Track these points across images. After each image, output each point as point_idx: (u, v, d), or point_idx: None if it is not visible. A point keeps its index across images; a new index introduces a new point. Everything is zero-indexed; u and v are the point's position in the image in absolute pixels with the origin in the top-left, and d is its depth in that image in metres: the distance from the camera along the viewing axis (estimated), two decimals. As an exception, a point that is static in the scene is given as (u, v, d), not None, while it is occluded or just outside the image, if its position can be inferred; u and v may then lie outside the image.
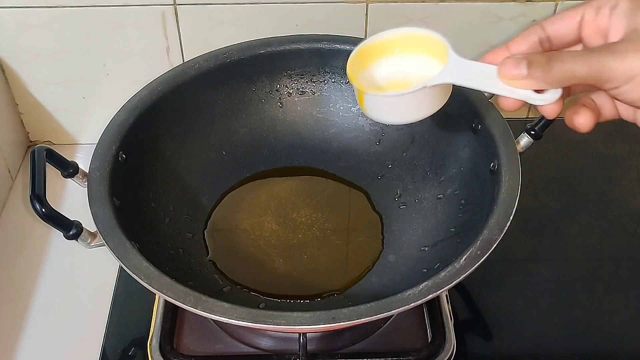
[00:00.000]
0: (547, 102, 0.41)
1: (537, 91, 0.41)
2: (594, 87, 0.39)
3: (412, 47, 0.48)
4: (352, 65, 0.49)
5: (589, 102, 0.42)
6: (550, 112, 0.42)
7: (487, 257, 0.47)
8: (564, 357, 0.59)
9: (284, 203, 0.66)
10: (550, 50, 0.43)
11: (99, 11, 0.67)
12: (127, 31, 0.69)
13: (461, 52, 0.44)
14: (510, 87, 0.41)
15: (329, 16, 0.69)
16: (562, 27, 0.42)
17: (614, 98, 0.41)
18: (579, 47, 0.43)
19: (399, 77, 0.49)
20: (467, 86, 0.43)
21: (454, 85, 0.45)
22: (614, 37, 0.39)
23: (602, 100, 0.42)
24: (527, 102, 0.42)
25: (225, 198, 0.66)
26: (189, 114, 0.64)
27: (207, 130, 0.65)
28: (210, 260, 0.61)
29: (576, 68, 0.38)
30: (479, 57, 0.44)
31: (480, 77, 0.43)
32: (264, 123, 0.68)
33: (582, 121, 0.41)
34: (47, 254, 0.67)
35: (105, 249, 0.48)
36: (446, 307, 0.59)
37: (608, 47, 0.38)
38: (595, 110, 0.42)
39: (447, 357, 0.56)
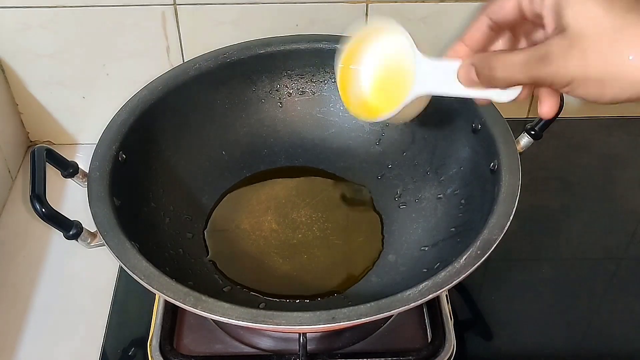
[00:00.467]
0: (510, 97, 0.43)
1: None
2: None
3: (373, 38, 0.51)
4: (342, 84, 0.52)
5: (549, 89, 0.43)
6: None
7: (487, 257, 0.47)
8: (564, 357, 0.59)
9: (284, 203, 0.66)
10: (500, 34, 0.44)
11: (99, 11, 0.67)
12: (127, 31, 0.69)
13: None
14: (473, 89, 0.44)
15: (329, 16, 0.69)
16: (504, 14, 0.42)
17: None
18: (529, 25, 0.43)
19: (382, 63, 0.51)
20: (439, 94, 0.46)
21: None
22: (548, 28, 0.39)
23: None
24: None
25: (225, 198, 0.66)
26: (189, 113, 0.64)
27: (207, 130, 0.65)
28: (210, 260, 0.61)
29: (517, 78, 0.39)
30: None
31: (450, 79, 0.45)
32: (264, 123, 0.68)
33: (546, 110, 0.43)
34: (47, 254, 0.67)
35: (105, 249, 0.48)
36: (446, 307, 0.59)
37: (543, 58, 0.38)
38: (556, 94, 0.43)
39: (447, 357, 0.56)
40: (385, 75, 0.52)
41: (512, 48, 0.45)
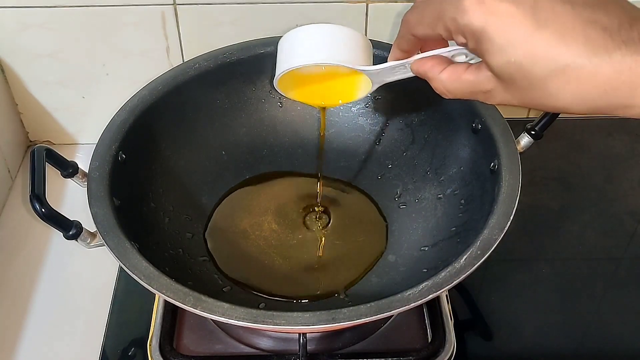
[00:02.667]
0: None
1: None
2: None
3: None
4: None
5: None
6: None
7: (487, 257, 0.47)
8: (564, 357, 0.59)
9: (284, 203, 0.66)
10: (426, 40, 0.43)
11: (99, 11, 0.67)
12: (127, 31, 0.69)
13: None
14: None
15: (329, 16, 0.69)
16: (423, 33, 0.41)
17: None
18: None
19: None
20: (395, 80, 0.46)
21: None
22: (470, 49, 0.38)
23: None
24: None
25: (225, 198, 0.66)
26: (189, 114, 0.64)
27: (207, 130, 0.65)
28: (210, 260, 0.60)
29: (469, 97, 0.40)
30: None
31: (400, 70, 0.45)
32: (263, 123, 0.68)
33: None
34: (47, 254, 0.67)
35: (105, 249, 0.48)
36: (446, 307, 0.59)
37: (486, 92, 0.38)
38: None
39: (447, 357, 0.56)
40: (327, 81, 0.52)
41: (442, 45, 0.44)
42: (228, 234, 0.63)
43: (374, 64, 0.47)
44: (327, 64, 0.47)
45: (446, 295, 0.60)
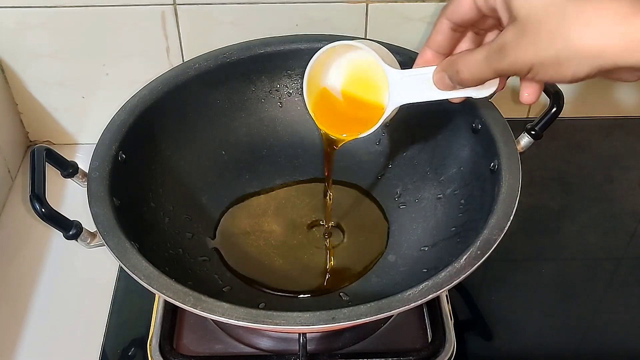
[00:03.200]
0: (490, 92, 0.45)
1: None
2: None
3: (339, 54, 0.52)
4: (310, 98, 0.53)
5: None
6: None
7: (487, 257, 0.47)
8: (564, 357, 0.59)
9: (284, 203, 0.66)
10: (466, 31, 0.45)
11: (98, 11, 0.67)
12: (127, 31, 0.69)
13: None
14: (451, 92, 0.45)
15: (329, 16, 0.69)
16: (462, 14, 0.43)
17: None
18: (490, 20, 0.44)
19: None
20: (416, 101, 0.47)
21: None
22: (504, 20, 0.40)
23: None
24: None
25: (224, 198, 0.66)
26: (189, 114, 0.64)
27: (207, 130, 0.65)
28: (209, 260, 0.60)
29: (482, 74, 0.41)
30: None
31: (425, 86, 0.46)
32: (263, 123, 0.68)
33: (526, 97, 0.43)
34: (47, 254, 0.67)
35: (105, 249, 0.48)
36: (446, 307, 0.59)
37: (499, 50, 0.39)
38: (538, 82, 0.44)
39: (447, 357, 0.56)
40: (356, 92, 0.53)
41: (477, 46, 0.45)
42: (228, 234, 0.63)
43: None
44: (364, 48, 0.49)
45: (446, 295, 0.60)
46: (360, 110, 0.53)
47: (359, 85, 0.53)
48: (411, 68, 0.47)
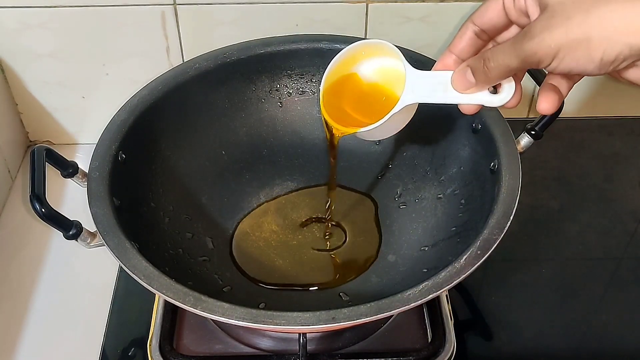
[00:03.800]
0: (503, 101, 0.45)
1: (493, 92, 0.45)
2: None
3: (372, 54, 0.52)
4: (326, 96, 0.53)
5: (548, 86, 0.44)
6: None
7: (487, 257, 0.47)
8: (564, 357, 0.59)
9: (284, 204, 0.66)
10: (488, 40, 0.46)
11: (98, 11, 0.67)
12: (127, 31, 0.69)
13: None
14: (467, 94, 0.45)
15: (329, 16, 0.69)
16: (490, 18, 0.44)
17: (553, 73, 0.43)
18: (514, 29, 0.45)
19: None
20: (429, 102, 0.47)
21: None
22: (533, 16, 0.41)
23: (556, 81, 0.45)
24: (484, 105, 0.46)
25: (224, 199, 0.66)
26: (189, 113, 0.64)
27: (207, 130, 0.65)
28: (209, 260, 0.60)
29: (508, 61, 0.41)
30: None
31: (439, 88, 0.46)
32: (263, 123, 0.68)
33: (545, 105, 0.44)
34: (47, 254, 0.67)
35: (105, 249, 0.48)
36: (446, 307, 0.59)
37: (526, 34, 0.39)
38: (555, 90, 0.44)
39: (447, 357, 0.56)
40: (375, 87, 0.53)
41: None
42: (227, 234, 0.63)
43: None
44: (390, 48, 0.49)
45: (446, 295, 0.60)
46: (378, 104, 0.52)
47: (386, 81, 0.53)
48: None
